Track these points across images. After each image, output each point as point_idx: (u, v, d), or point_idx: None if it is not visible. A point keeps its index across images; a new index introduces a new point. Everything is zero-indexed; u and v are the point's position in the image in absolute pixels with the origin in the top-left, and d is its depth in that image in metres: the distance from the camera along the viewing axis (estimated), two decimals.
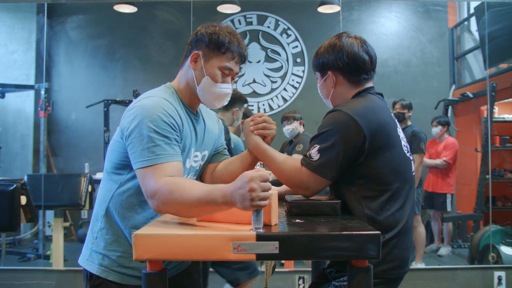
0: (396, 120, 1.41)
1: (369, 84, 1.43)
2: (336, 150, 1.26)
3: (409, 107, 3.81)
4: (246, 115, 3.14)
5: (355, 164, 1.29)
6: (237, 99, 3.00)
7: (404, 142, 1.39)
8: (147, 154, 1.17)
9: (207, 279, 2.47)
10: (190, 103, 1.38)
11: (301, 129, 3.62)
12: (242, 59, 1.36)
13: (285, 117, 3.58)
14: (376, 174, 1.29)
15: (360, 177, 1.30)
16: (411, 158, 1.41)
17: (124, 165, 1.29)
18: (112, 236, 1.31)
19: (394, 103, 3.84)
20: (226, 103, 1.39)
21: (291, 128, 3.53)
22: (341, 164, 1.27)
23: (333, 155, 1.26)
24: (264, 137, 1.42)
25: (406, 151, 1.37)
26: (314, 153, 1.29)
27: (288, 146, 3.68)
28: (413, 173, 1.40)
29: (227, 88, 1.35)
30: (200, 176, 1.50)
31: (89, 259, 1.33)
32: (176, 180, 1.15)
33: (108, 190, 1.32)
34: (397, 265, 1.30)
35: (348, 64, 1.38)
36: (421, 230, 3.87)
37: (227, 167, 1.48)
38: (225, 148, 1.56)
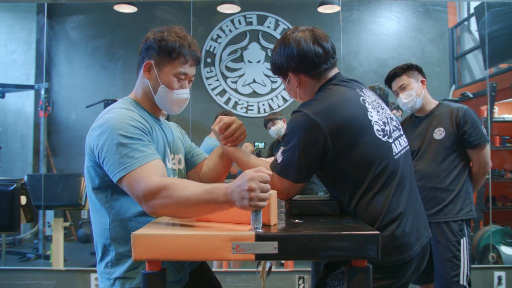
0: (367, 103, 1.31)
1: (333, 72, 1.38)
2: (296, 152, 1.25)
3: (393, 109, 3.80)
4: (226, 115, 3.25)
5: (326, 164, 1.26)
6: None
7: (378, 126, 1.29)
8: (127, 160, 1.14)
9: None
10: (152, 110, 1.38)
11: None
12: (196, 61, 1.34)
13: (268, 120, 3.78)
14: (349, 169, 1.25)
15: (336, 176, 1.28)
16: (390, 140, 1.31)
17: (107, 186, 1.24)
18: (127, 257, 1.24)
19: None
20: (183, 108, 1.37)
21: (277, 128, 3.69)
22: (306, 165, 1.26)
23: (294, 157, 1.25)
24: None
25: (381, 136, 1.29)
26: (279, 155, 1.30)
27: (277, 145, 3.74)
28: (396, 156, 1.31)
29: (184, 94, 1.34)
30: None
31: None
32: (172, 180, 1.14)
33: (104, 217, 1.27)
34: (392, 252, 1.24)
35: (301, 61, 1.33)
36: None
37: (208, 165, 1.49)
38: (196, 147, 1.57)
